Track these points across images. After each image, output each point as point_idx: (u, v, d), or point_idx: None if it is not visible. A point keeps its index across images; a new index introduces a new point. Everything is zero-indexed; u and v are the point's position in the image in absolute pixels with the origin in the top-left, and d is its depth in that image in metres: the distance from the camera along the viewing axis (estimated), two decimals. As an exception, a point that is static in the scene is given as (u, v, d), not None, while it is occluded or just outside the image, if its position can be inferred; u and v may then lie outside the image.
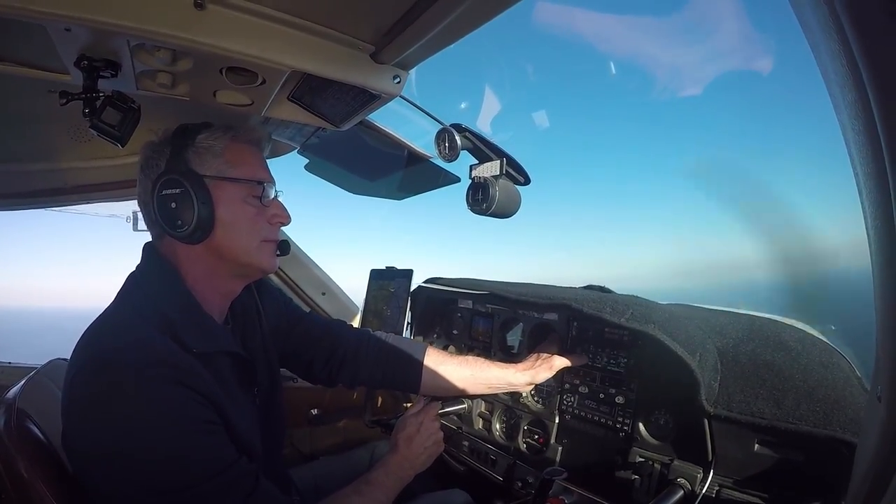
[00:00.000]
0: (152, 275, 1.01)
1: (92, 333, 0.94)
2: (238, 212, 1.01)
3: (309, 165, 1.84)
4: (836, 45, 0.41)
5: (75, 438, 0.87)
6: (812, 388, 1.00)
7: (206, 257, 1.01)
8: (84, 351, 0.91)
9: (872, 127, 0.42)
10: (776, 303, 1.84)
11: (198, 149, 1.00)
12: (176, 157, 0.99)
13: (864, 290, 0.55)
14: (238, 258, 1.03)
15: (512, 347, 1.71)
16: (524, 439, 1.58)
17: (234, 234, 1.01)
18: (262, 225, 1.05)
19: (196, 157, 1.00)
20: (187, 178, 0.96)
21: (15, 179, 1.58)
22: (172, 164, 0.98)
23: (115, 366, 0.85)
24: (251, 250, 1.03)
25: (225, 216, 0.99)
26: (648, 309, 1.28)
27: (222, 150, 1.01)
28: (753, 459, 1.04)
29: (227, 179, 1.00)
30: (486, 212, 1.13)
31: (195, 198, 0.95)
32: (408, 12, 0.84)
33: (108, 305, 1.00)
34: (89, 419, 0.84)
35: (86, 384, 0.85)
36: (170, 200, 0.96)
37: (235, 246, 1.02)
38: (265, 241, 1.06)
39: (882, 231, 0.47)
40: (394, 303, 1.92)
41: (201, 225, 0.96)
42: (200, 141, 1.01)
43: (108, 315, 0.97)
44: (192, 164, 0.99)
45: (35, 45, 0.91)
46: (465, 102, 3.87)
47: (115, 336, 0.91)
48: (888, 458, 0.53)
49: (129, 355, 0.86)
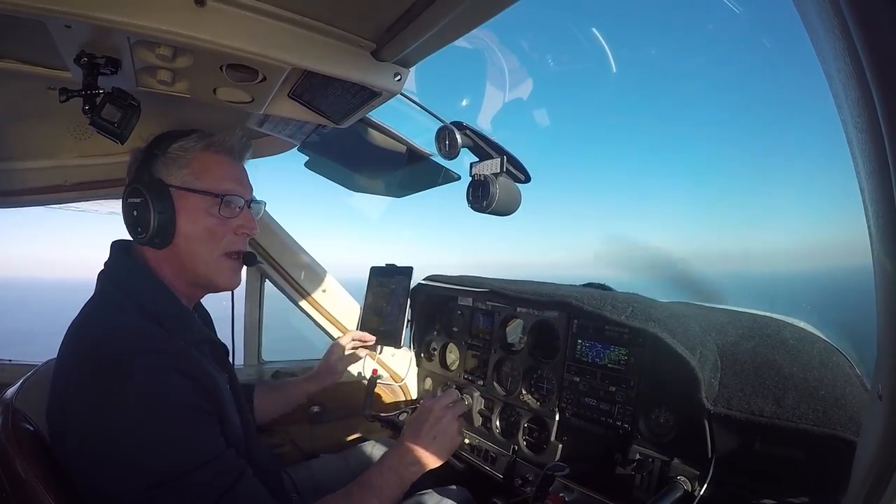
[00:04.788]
0: (127, 271, 1.03)
1: (78, 327, 0.95)
2: (200, 222, 1.03)
3: (309, 163, 1.83)
4: (840, 43, 0.41)
5: (66, 429, 0.87)
6: (812, 386, 1.00)
7: (168, 262, 1.04)
8: (73, 344, 0.92)
9: (875, 125, 0.42)
10: (775, 299, 1.84)
11: (167, 159, 1.04)
12: (144, 166, 1.04)
13: (864, 288, 0.55)
14: (197, 269, 1.06)
15: (512, 345, 1.71)
16: (524, 437, 1.58)
17: (195, 244, 1.04)
18: (224, 236, 1.07)
19: (164, 167, 1.03)
20: (149, 189, 1.00)
21: (14, 177, 1.57)
22: (139, 174, 1.03)
23: (106, 354, 0.86)
24: (210, 263, 1.06)
25: (185, 227, 1.02)
26: (648, 307, 1.28)
27: (189, 161, 1.04)
28: (753, 457, 1.04)
29: (189, 191, 1.02)
30: (486, 209, 1.12)
31: (153, 208, 0.98)
32: (409, 10, 0.84)
33: (87, 303, 1.01)
34: (82, 407, 0.85)
35: (76, 374, 0.87)
36: (132, 209, 1.00)
37: (195, 257, 1.04)
38: (226, 255, 1.08)
39: (884, 228, 0.47)
40: (394, 300, 1.92)
41: (159, 233, 1.00)
42: (171, 151, 1.04)
43: (90, 310, 0.99)
44: (160, 174, 1.03)
45: (35, 42, 0.90)
46: (465, 99, 3.86)
47: (103, 327, 0.92)
48: (888, 456, 0.53)
49: (119, 343, 0.87)
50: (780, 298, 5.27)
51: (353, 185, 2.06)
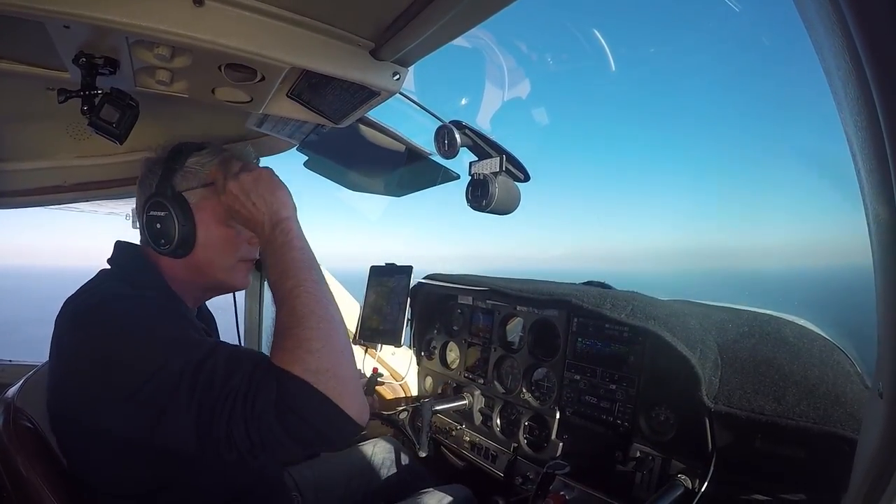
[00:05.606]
0: (134, 269, 1.06)
1: (71, 298, 0.97)
2: (217, 233, 1.07)
3: (308, 162, 1.83)
4: (839, 41, 0.41)
5: (65, 385, 0.89)
6: (813, 384, 1.00)
7: (185, 269, 1.07)
8: (64, 311, 0.94)
9: (875, 123, 0.42)
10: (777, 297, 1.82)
11: (185, 173, 1.06)
12: (165, 179, 1.06)
13: (865, 286, 0.55)
14: (215, 275, 1.09)
15: (512, 343, 1.71)
16: (525, 435, 1.58)
17: (213, 253, 1.07)
18: (240, 246, 1.10)
19: (183, 181, 1.06)
20: (171, 202, 1.03)
21: (13, 178, 1.57)
22: (161, 187, 1.05)
23: (94, 300, 0.91)
24: (227, 269, 1.10)
25: (204, 237, 1.05)
26: (649, 305, 1.28)
27: (206, 176, 1.07)
28: (754, 455, 1.04)
29: (206, 201, 1.06)
30: (485, 208, 1.13)
31: (177, 221, 1.02)
32: (407, 9, 0.83)
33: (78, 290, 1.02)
34: (74, 350, 0.87)
35: (67, 328, 0.90)
36: (155, 221, 1.03)
37: (213, 265, 1.08)
38: (242, 261, 1.12)
39: (884, 227, 0.47)
40: (393, 299, 1.92)
41: (181, 245, 1.03)
42: (189, 165, 1.07)
43: (85, 285, 1.01)
44: (179, 187, 1.06)
45: (33, 43, 0.90)
46: (464, 99, 3.82)
47: (97, 292, 0.96)
48: (889, 454, 0.53)
49: (109, 293, 0.93)
50: (780, 297, 5.19)
51: (352, 184, 2.06)
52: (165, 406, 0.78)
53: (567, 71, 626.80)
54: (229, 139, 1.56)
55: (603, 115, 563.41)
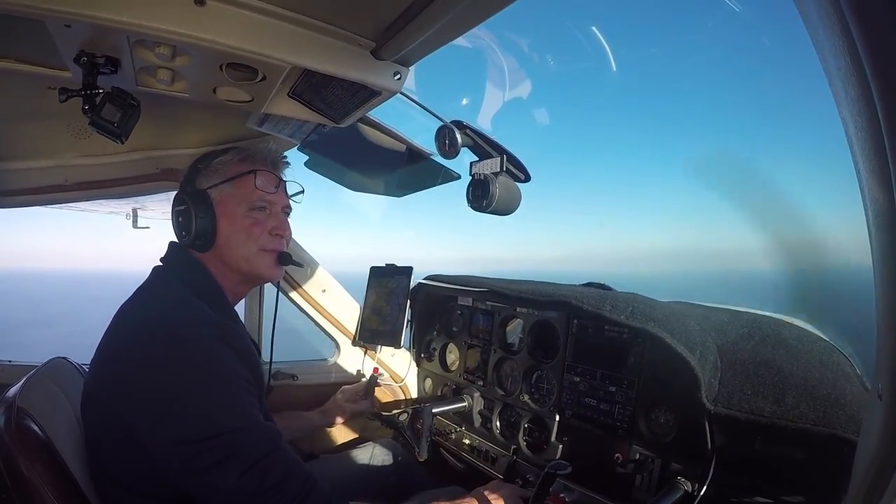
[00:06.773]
0: (185, 264, 1.16)
1: (134, 302, 1.08)
2: (238, 224, 1.16)
3: (309, 162, 1.83)
4: (840, 42, 0.41)
5: (117, 390, 0.97)
6: (812, 385, 1.00)
7: (217, 262, 1.17)
8: (130, 316, 1.05)
9: (875, 123, 0.41)
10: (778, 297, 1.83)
11: (208, 171, 1.18)
12: (189, 178, 1.19)
13: (864, 287, 0.55)
14: (239, 265, 1.18)
15: (512, 345, 1.71)
16: (524, 437, 1.58)
17: (234, 243, 1.16)
18: (260, 236, 1.18)
19: (205, 179, 1.17)
20: (191, 197, 1.14)
21: (14, 176, 1.57)
22: (184, 185, 1.18)
23: (166, 321, 0.99)
24: (249, 257, 1.18)
25: (225, 229, 1.15)
26: (648, 306, 1.27)
27: (227, 172, 1.17)
28: (753, 457, 1.04)
29: (228, 195, 1.16)
30: (486, 208, 1.12)
31: (194, 213, 1.12)
32: (408, 9, 0.84)
33: (140, 286, 1.13)
34: (142, 368, 0.95)
35: (135, 340, 0.98)
36: (178, 216, 1.15)
37: (235, 254, 1.17)
38: (263, 250, 1.19)
39: (883, 227, 0.47)
40: (393, 300, 1.92)
41: (200, 235, 1.13)
42: (213, 165, 1.18)
43: (146, 287, 1.13)
44: (201, 184, 1.17)
45: (35, 42, 0.90)
46: (465, 98, 3.87)
47: (162, 301, 1.07)
48: (888, 456, 0.53)
49: (179, 313, 1.02)
50: (779, 297, 5.22)
51: (353, 184, 2.06)
52: (223, 461, 0.90)
53: (568, 71, 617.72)
54: (230, 139, 1.57)
55: (603, 115, 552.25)
